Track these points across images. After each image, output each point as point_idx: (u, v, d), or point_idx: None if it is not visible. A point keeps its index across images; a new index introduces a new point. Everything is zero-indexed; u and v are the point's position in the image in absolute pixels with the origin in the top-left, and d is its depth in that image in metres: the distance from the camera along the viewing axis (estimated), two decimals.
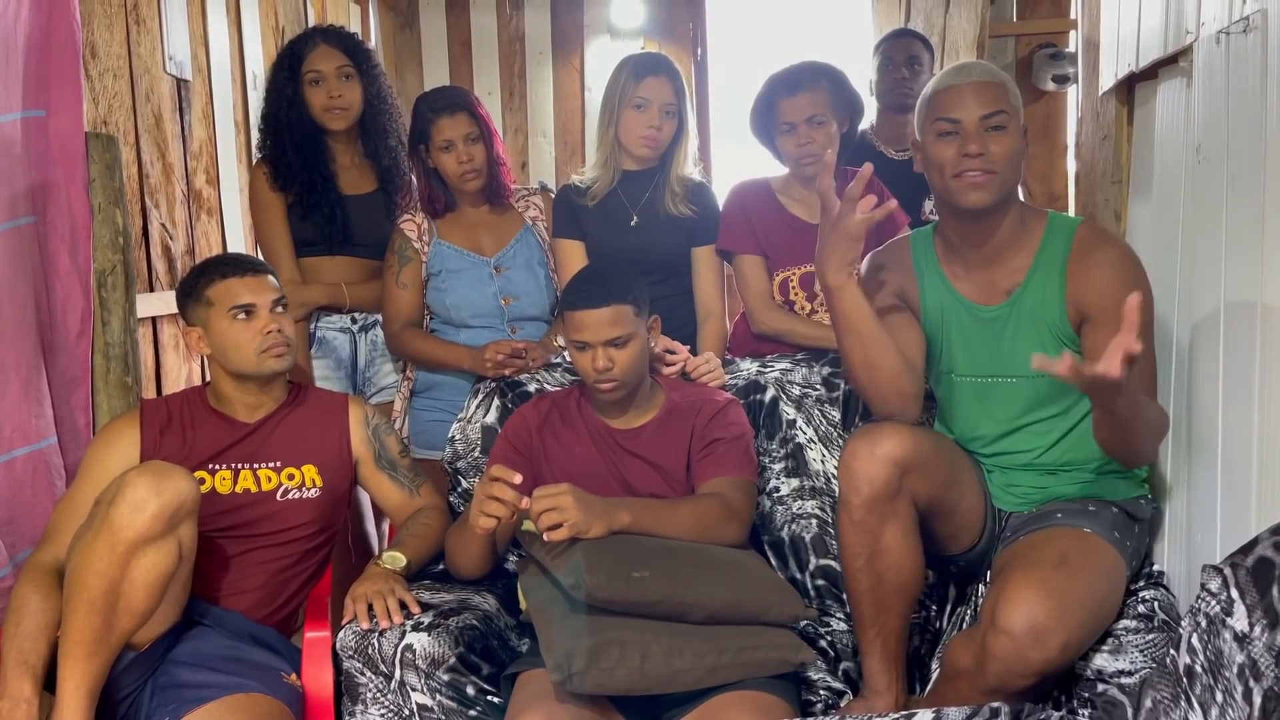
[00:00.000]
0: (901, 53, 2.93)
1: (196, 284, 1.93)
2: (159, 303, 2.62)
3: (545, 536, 1.65)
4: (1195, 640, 1.21)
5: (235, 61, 3.27)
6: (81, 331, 2.05)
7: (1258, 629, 1.13)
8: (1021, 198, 1.84)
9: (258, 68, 3.36)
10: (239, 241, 3.16)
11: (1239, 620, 1.15)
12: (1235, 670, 1.15)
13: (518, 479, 1.69)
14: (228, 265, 1.95)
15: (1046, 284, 1.75)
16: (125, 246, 2.11)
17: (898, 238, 1.98)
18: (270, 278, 1.96)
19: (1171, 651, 1.27)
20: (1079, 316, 1.73)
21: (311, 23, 3.82)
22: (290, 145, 2.45)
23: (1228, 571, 1.19)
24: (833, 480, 2.10)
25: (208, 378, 2.03)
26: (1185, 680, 1.23)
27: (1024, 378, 1.78)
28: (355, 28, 4.35)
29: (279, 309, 1.93)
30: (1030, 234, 1.78)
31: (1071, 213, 4.36)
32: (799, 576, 2.05)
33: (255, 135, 2.63)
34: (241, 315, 1.89)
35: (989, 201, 1.71)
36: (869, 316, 1.79)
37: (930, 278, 1.86)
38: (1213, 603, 1.19)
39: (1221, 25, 1.59)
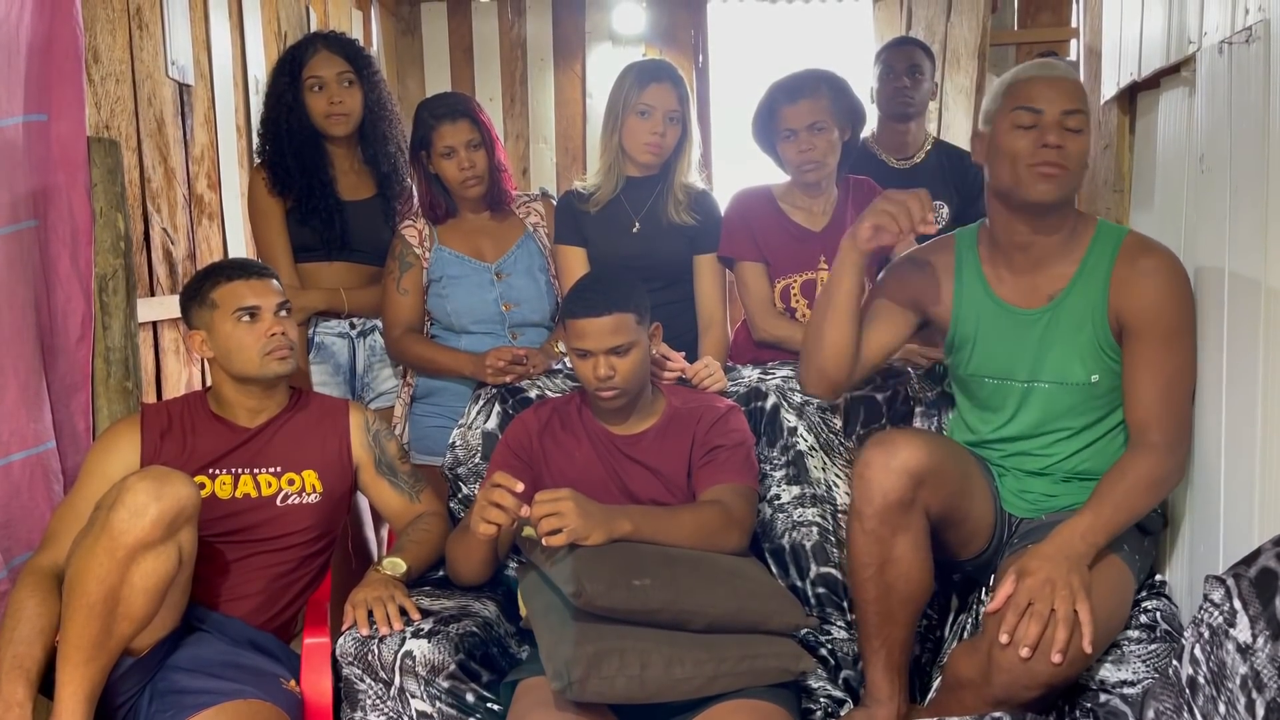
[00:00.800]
0: (903, 61, 2.92)
1: (201, 287, 1.93)
2: (160, 307, 2.62)
3: (544, 542, 1.65)
4: (1198, 651, 1.21)
5: (237, 66, 3.27)
6: (82, 336, 2.05)
7: (1260, 640, 1.13)
8: None
9: (260, 72, 3.37)
10: (240, 246, 3.16)
11: (1242, 631, 1.15)
12: (1238, 681, 1.14)
13: (519, 487, 1.69)
14: (233, 268, 1.95)
15: (1090, 291, 1.74)
16: (126, 251, 2.11)
17: (943, 237, 1.97)
18: (274, 281, 1.97)
19: (1174, 662, 1.27)
20: (1118, 323, 1.72)
21: (313, 28, 3.83)
22: (289, 150, 2.45)
23: (1230, 582, 1.18)
24: (833, 488, 2.10)
25: (208, 382, 2.02)
26: (1188, 691, 1.23)
27: (1055, 384, 1.78)
28: (357, 33, 4.36)
29: (283, 312, 1.94)
30: (1078, 240, 1.77)
31: None
32: (799, 584, 2.05)
33: (255, 140, 2.63)
34: (246, 317, 1.89)
35: (1056, 196, 1.70)
36: (847, 294, 1.86)
37: (969, 279, 1.86)
38: (1215, 614, 1.19)
39: (1224, 35, 1.59)
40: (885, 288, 1.95)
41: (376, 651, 1.70)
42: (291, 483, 1.93)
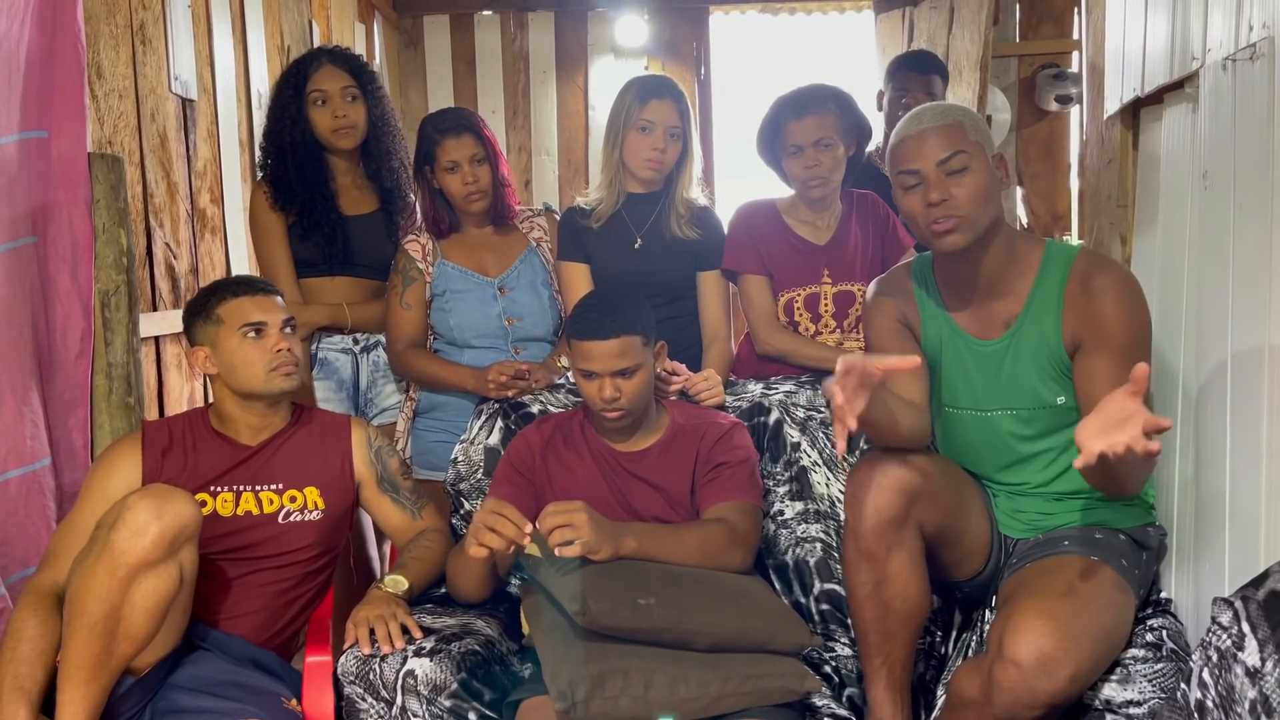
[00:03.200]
0: (921, 88, 2.86)
1: (206, 303, 1.93)
2: (162, 322, 2.62)
3: (556, 552, 1.64)
4: (1206, 675, 1.20)
5: (240, 81, 3.28)
6: (81, 352, 2.05)
7: (1269, 664, 1.12)
8: (1025, 219, 1.83)
9: (263, 87, 3.37)
10: (243, 260, 3.16)
11: (1250, 655, 1.14)
12: (1247, 706, 1.13)
13: (529, 528, 1.67)
14: (238, 285, 1.96)
15: (1044, 314, 1.73)
16: (129, 267, 2.11)
17: (898, 266, 1.98)
18: (279, 298, 1.97)
19: (1183, 685, 1.26)
20: (1073, 344, 1.71)
21: (317, 42, 3.84)
22: (292, 164, 2.44)
23: (1239, 605, 1.17)
24: (837, 504, 2.09)
25: (210, 398, 2.02)
26: (1197, 715, 1.22)
27: (1025, 410, 1.77)
28: (360, 46, 4.37)
29: (288, 329, 1.94)
30: (1026, 263, 1.76)
31: (1076, 234, 4.37)
32: (803, 601, 2.04)
33: (257, 154, 2.63)
34: (252, 333, 1.89)
35: (963, 244, 1.69)
36: (892, 415, 1.71)
37: (930, 308, 1.86)
38: (1224, 637, 1.18)
39: (1228, 52, 1.59)
40: (880, 320, 1.89)
41: (378, 670, 1.69)
42: (293, 500, 1.93)
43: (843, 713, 1.82)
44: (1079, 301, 1.70)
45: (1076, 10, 4.62)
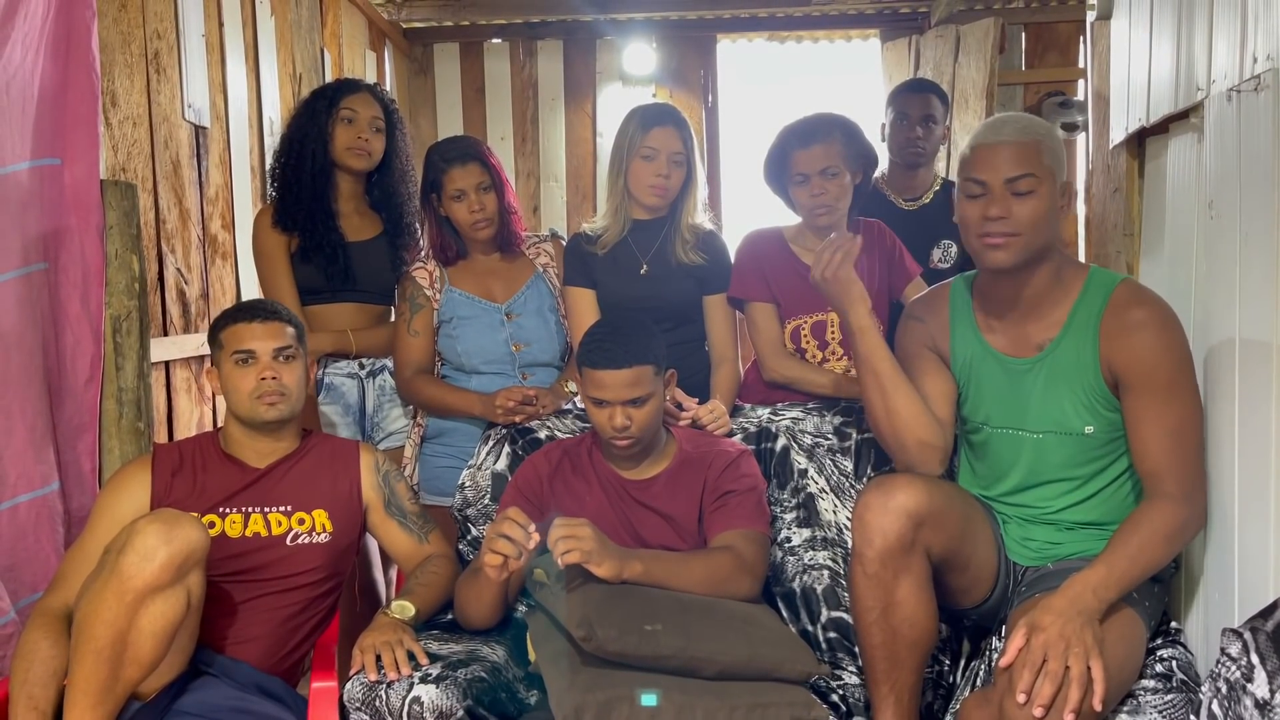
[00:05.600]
0: (918, 110, 2.91)
1: (216, 325, 1.97)
2: (173, 347, 2.64)
3: (559, 561, 1.66)
4: (1216, 706, 1.19)
5: (253, 108, 3.32)
6: (91, 378, 2.06)
7: (1279, 695, 1.11)
8: None
9: (275, 114, 3.41)
10: (253, 285, 3.18)
11: (1259, 687, 1.13)
12: None
13: (534, 528, 1.69)
14: (241, 311, 1.98)
15: (1080, 342, 1.73)
16: (141, 293, 2.13)
17: (939, 285, 1.98)
18: (284, 326, 1.96)
19: (1192, 717, 1.25)
20: (1113, 377, 1.71)
21: (329, 70, 3.89)
22: (307, 170, 2.45)
23: (1248, 636, 1.17)
24: (845, 531, 2.08)
25: (220, 421, 2.03)
26: None
27: (1049, 434, 1.76)
28: (371, 74, 4.42)
29: (283, 358, 1.94)
30: (1068, 289, 1.76)
31: (1081, 260, 4.38)
32: (810, 628, 2.03)
33: (269, 161, 2.65)
34: (242, 360, 1.91)
35: (1010, 263, 1.70)
36: (888, 359, 1.79)
37: (962, 326, 1.86)
38: (1233, 668, 1.17)
39: (1232, 83, 1.60)
40: (905, 344, 1.92)
41: (384, 697, 1.69)
42: (302, 522, 1.93)
43: None
44: (1115, 333, 1.69)
45: (1082, 39, 4.65)
